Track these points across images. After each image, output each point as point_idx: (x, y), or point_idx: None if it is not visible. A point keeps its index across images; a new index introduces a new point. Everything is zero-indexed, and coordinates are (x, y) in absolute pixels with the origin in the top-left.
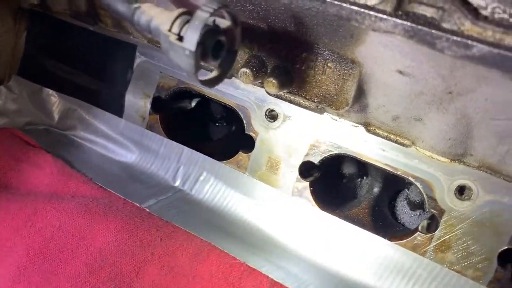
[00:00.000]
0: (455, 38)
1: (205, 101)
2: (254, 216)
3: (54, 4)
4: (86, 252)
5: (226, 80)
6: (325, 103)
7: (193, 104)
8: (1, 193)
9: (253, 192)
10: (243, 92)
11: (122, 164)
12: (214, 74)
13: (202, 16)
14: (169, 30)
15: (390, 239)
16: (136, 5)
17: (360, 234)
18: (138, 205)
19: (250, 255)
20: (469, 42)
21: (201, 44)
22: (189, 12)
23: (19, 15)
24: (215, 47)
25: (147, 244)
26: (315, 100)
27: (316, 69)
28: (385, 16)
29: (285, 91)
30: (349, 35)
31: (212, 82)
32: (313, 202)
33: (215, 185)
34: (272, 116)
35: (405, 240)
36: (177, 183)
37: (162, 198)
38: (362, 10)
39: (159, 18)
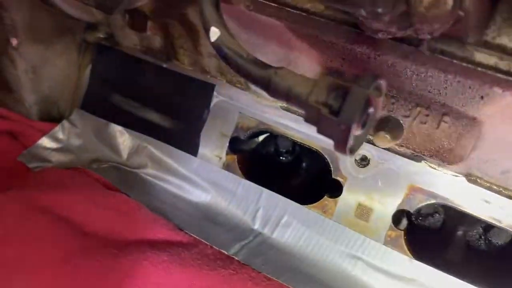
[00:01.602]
0: None
1: (274, 136)
2: (343, 265)
3: (124, 39)
4: None
5: None
6: (437, 157)
7: (260, 139)
8: (94, 246)
9: (341, 238)
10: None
11: (197, 204)
12: (357, 141)
13: (363, 92)
14: (318, 102)
15: None
16: (272, 70)
17: (460, 286)
18: (226, 253)
19: None
20: None
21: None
22: (332, 80)
23: (84, 48)
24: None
25: None
26: (425, 154)
27: (430, 123)
28: None
29: (393, 144)
30: (479, 97)
31: (355, 150)
32: (408, 251)
33: (297, 230)
34: (362, 161)
35: None
36: (256, 226)
37: (244, 243)
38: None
39: (301, 86)
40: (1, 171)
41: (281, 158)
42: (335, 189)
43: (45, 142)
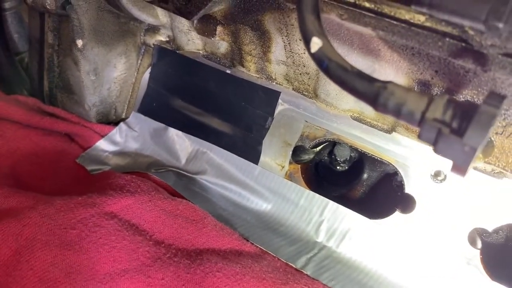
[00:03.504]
0: None
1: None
2: (414, 283)
3: (187, 43)
4: None
5: (384, 134)
6: None
7: (319, 148)
8: (166, 255)
9: (412, 256)
10: (405, 149)
11: (258, 213)
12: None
13: (493, 112)
14: (436, 120)
15: None
16: (379, 84)
17: None
18: (295, 266)
19: None
20: None
21: None
22: (447, 96)
23: (143, 50)
24: None
25: None
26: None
27: None
28: None
29: (483, 162)
30: None
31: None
32: (484, 272)
33: (365, 244)
34: (438, 177)
35: None
36: (320, 239)
37: (309, 256)
38: None
39: (416, 103)
40: (60, 173)
41: (338, 167)
42: (408, 205)
43: (103, 144)
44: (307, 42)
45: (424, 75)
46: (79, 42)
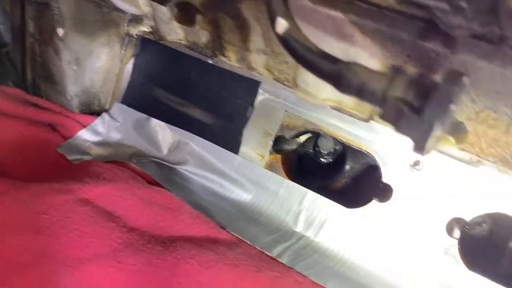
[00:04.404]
0: None
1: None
2: (392, 273)
3: (169, 34)
4: None
5: (362, 123)
6: (501, 163)
7: (302, 139)
8: (138, 241)
9: (389, 245)
10: (383, 138)
11: (238, 203)
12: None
13: (451, 90)
14: (397, 98)
15: None
16: (342, 65)
17: None
18: (270, 255)
19: None
20: None
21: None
22: (409, 75)
23: (126, 41)
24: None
25: None
26: (490, 160)
27: (498, 128)
28: None
29: (456, 148)
30: None
31: (430, 151)
32: (461, 261)
33: (342, 234)
34: (416, 165)
35: None
36: (298, 228)
37: (287, 245)
38: None
39: (376, 82)
40: (41, 162)
41: (321, 159)
42: (385, 194)
43: (85, 134)
44: (272, 22)
45: (397, 60)
46: (60, 31)
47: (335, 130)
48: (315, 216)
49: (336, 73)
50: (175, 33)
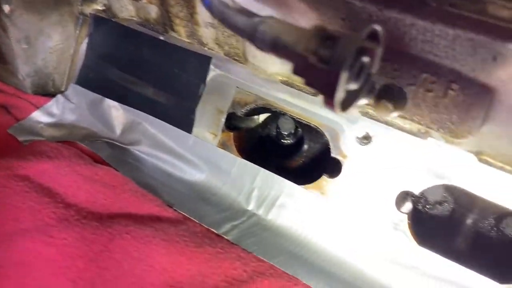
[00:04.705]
0: None
1: (276, 117)
2: (341, 250)
3: (121, 10)
4: (167, 285)
5: (312, 97)
6: (443, 130)
7: (261, 119)
8: (74, 217)
9: (340, 221)
10: (331, 112)
11: (191, 183)
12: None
13: (354, 37)
14: (306, 50)
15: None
16: (258, 19)
17: (463, 274)
18: (216, 232)
19: None
20: None
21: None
22: (324, 29)
23: (81, 21)
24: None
25: (232, 279)
26: (431, 127)
27: (437, 92)
28: None
29: (395, 115)
30: (491, 58)
31: (349, 108)
32: (411, 237)
33: (293, 211)
34: (365, 139)
35: None
36: (250, 207)
37: (237, 223)
38: None
39: (289, 35)
40: None
41: (282, 140)
42: (335, 169)
43: (38, 116)
44: None
45: (334, 24)
46: (6, 8)
47: (285, 105)
48: (267, 194)
49: (251, 28)
50: (127, 10)
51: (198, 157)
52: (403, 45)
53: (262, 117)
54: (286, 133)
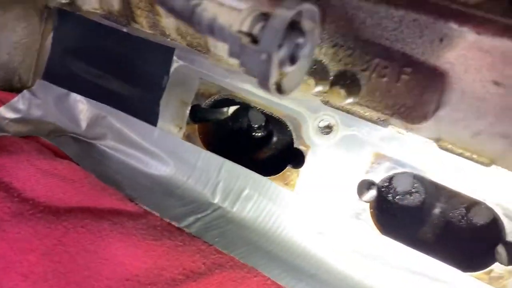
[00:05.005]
0: None
1: (246, 110)
2: (304, 240)
3: (84, 3)
4: (123, 280)
5: None
6: (398, 115)
7: (230, 112)
8: (29, 211)
9: (304, 212)
10: (293, 101)
11: (156, 177)
12: (285, 82)
13: (284, 14)
14: (240, 31)
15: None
16: (195, 1)
17: (427, 263)
18: (177, 225)
19: (303, 285)
20: None
21: (279, 47)
22: (259, 9)
23: (46, 15)
24: (293, 51)
25: (190, 271)
26: (386, 113)
27: (390, 77)
28: (495, 17)
29: (350, 101)
30: (438, 39)
31: (287, 91)
32: (373, 225)
33: (259, 203)
34: (326, 128)
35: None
36: (216, 200)
37: (201, 216)
38: (465, 10)
39: (225, 17)
40: None
41: (253, 134)
42: (298, 159)
43: (4, 112)
44: None
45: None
46: None
47: (248, 96)
48: (233, 186)
49: (189, 11)
50: (90, 3)
51: (163, 150)
52: (355, 29)
53: (231, 109)
54: (256, 125)
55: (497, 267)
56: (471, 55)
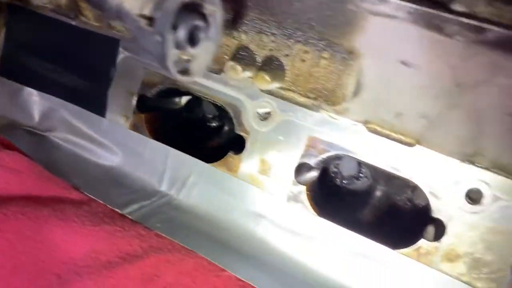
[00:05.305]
0: (466, 20)
1: (197, 100)
2: (245, 223)
3: None
4: (59, 263)
5: (214, 75)
6: (321, 98)
7: (183, 102)
8: None
9: (245, 196)
10: (232, 88)
11: (105, 167)
12: (191, 65)
13: None
14: (141, 15)
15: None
16: None
17: (361, 242)
18: (119, 211)
19: (241, 265)
20: (483, 25)
21: (174, 28)
22: None
23: None
24: (192, 33)
25: (126, 254)
26: (310, 96)
27: (310, 61)
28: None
29: (277, 86)
30: (345, 22)
31: (187, 74)
32: (310, 207)
33: (203, 190)
34: (264, 114)
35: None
36: (163, 187)
37: (145, 203)
38: None
39: (130, 1)
40: None
41: (208, 123)
42: (240, 145)
43: None
44: None
45: None
46: None
47: (190, 85)
48: (178, 174)
49: None
50: None
51: (111, 140)
52: (276, 15)
53: (185, 99)
54: (211, 115)
55: (424, 244)
56: (376, 37)
